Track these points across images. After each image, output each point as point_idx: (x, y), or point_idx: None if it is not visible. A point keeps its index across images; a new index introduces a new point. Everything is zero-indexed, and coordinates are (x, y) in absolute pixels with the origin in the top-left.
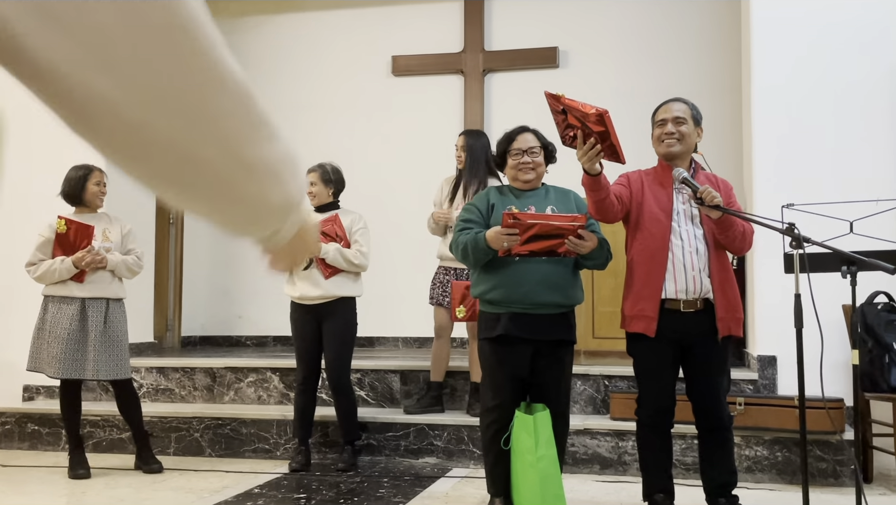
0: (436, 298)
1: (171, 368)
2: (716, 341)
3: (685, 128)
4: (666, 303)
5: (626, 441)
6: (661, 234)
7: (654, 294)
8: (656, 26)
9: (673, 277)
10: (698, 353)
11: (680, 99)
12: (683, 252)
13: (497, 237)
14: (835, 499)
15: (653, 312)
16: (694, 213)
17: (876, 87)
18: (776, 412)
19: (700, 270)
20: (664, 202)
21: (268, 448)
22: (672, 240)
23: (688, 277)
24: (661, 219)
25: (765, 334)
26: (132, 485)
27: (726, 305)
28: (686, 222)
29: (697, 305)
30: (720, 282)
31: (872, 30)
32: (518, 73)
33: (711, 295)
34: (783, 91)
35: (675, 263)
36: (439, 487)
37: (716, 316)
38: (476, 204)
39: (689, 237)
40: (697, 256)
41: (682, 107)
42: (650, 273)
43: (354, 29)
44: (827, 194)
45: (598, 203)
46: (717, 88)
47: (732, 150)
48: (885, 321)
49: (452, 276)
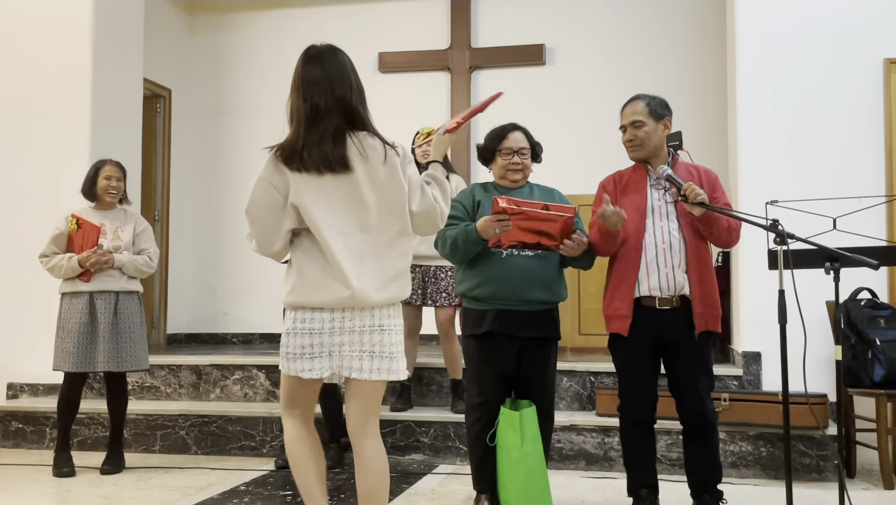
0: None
1: (157, 366)
2: (694, 338)
3: (643, 131)
4: (641, 301)
5: (611, 437)
6: (633, 233)
7: (627, 293)
8: (642, 23)
9: (647, 274)
10: (678, 350)
11: (638, 97)
12: (657, 249)
13: (488, 225)
14: (818, 494)
15: (627, 311)
16: (670, 210)
17: (861, 82)
18: (761, 408)
19: (674, 267)
20: (637, 201)
21: (254, 445)
22: (645, 238)
23: (661, 274)
24: (634, 218)
25: (749, 331)
26: (117, 483)
27: (703, 300)
28: (660, 219)
29: (674, 303)
30: (698, 276)
31: (858, 25)
32: (505, 69)
33: (688, 291)
34: (768, 87)
35: (649, 261)
36: (426, 484)
37: (693, 312)
38: (461, 200)
39: (662, 234)
40: (671, 252)
41: (639, 107)
42: (623, 272)
43: (341, 25)
44: (811, 191)
45: (612, 248)
46: (702, 85)
47: (717, 147)
48: (868, 317)
49: (419, 273)
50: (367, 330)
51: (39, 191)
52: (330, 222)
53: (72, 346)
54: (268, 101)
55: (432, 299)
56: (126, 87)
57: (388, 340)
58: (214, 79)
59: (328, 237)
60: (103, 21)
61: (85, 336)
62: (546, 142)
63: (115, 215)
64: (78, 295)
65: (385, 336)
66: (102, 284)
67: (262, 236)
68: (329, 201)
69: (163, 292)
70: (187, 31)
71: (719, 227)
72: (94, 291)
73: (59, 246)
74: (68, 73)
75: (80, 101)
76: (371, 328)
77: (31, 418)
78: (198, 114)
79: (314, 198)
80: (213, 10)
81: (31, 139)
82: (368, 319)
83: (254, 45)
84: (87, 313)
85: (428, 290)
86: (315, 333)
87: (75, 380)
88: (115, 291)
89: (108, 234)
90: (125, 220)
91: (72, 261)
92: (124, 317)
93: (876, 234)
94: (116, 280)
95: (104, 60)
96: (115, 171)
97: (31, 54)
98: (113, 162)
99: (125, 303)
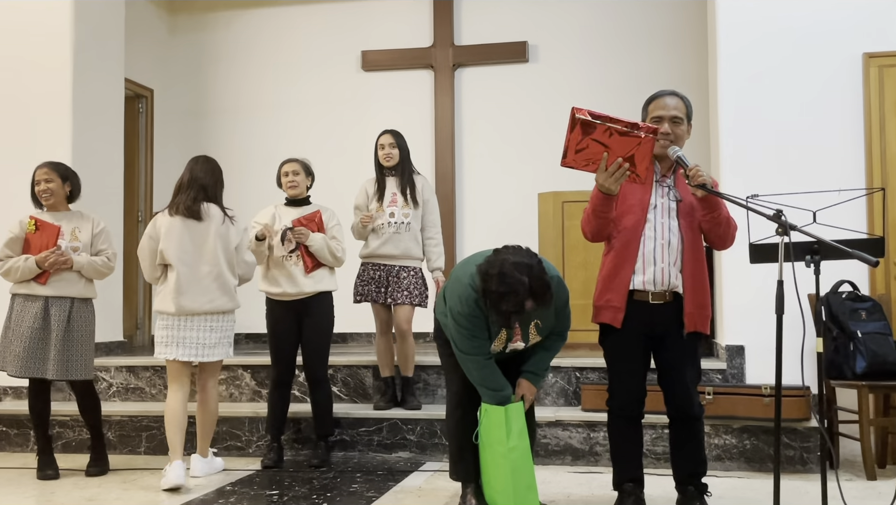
0: (369, 294)
1: (142, 367)
2: (683, 333)
3: (680, 129)
4: (634, 294)
5: (597, 432)
6: (633, 226)
7: (621, 285)
8: (624, 20)
9: (642, 268)
10: (668, 344)
11: (676, 94)
12: (655, 244)
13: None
14: (802, 485)
15: (620, 302)
16: (672, 207)
17: (842, 74)
18: (745, 401)
19: (670, 264)
20: (641, 195)
21: (240, 445)
22: (645, 232)
23: (656, 269)
24: (636, 211)
25: (732, 324)
26: (102, 485)
27: (695, 301)
28: (662, 216)
29: (666, 297)
30: (692, 277)
31: (837, 19)
32: (488, 67)
33: (681, 289)
34: (748, 82)
35: (646, 255)
36: (412, 481)
37: (683, 311)
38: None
39: (662, 230)
40: (669, 249)
41: (679, 104)
42: (619, 264)
43: (324, 24)
44: (792, 185)
45: (603, 224)
46: (683, 80)
47: (699, 142)
48: (850, 309)
49: (383, 271)
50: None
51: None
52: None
53: (21, 349)
54: (251, 100)
55: (392, 298)
56: (107, 86)
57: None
58: (196, 79)
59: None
60: (83, 20)
61: (36, 341)
62: (529, 138)
63: (70, 217)
64: (32, 298)
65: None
66: (59, 289)
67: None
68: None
69: (147, 294)
70: (168, 31)
71: (720, 215)
72: (50, 295)
73: (14, 249)
74: (48, 73)
75: (60, 101)
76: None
77: (15, 421)
78: (180, 114)
79: None
80: (194, 10)
81: (10, 139)
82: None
83: (236, 44)
84: (40, 318)
85: (389, 288)
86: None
87: (37, 384)
88: (71, 298)
89: (65, 235)
90: (81, 221)
91: (28, 262)
92: (77, 324)
93: (856, 227)
94: (73, 285)
95: (85, 60)
96: (43, 174)
97: (10, 53)
98: (43, 164)
99: (79, 310)
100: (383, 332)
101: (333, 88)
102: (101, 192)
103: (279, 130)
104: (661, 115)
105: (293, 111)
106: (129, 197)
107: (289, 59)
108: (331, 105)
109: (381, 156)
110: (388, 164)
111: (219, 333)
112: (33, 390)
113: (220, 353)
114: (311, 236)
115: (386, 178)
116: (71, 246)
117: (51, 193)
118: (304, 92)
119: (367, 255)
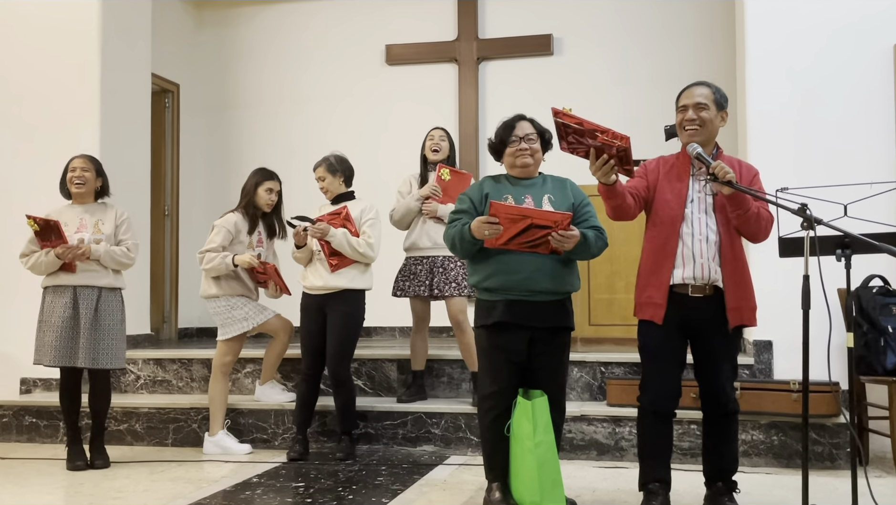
0: (410, 289)
1: (169, 360)
2: (725, 329)
3: (706, 114)
4: (674, 288)
5: (622, 427)
6: (671, 221)
7: (662, 282)
8: (650, 12)
9: (682, 264)
10: (707, 338)
11: (703, 82)
12: (693, 240)
13: (479, 227)
14: (830, 481)
15: (661, 299)
16: (708, 202)
17: (872, 67)
18: (773, 396)
19: (709, 259)
20: (679, 190)
21: (266, 438)
22: (683, 228)
23: (696, 264)
24: (673, 206)
25: (760, 319)
26: (130, 476)
27: (738, 295)
28: (699, 211)
29: (706, 291)
30: (732, 272)
31: (867, 9)
32: (512, 60)
33: (721, 283)
34: (777, 75)
35: (685, 250)
36: (437, 475)
37: (725, 306)
38: (469, 194)
39: (700, 225)
40: (707, 244)
41: (705, 91)
42: (659, 261)
43: (348, 18)
44: (821, 179)
45: (616, 209)
46: (709, 73)
47: (727, 135)
48: (881, 304)
49: (425, 265)
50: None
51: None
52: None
53: (54, 339)
54: (276, 94)
55: (440, 290)
56: (134, 82)
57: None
58: (222, 73)
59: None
60: (111, 16)
61: (67, 330)
62: (554, 133)
63: (94, 209)
64: (62, 290)
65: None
66: (87, 278)
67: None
68: None
69: (173, 287)
70: (195, 26)
71: (748, 212)
72: (77, 285)
73: (38, 245)
74: (76, 69)
75: (88, 97)
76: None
77: (45, 413)
78: (206, 109)
79: None
80: (220, 5)
81: (38, 133)
82: None
83: (261, 39)
84: (70, 308)
85: (435, 280)
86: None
87: (68, 374)
88: (99, 287)
89: (88, 228)
90: (104, 212)
91: (49, 255)
92: (105, 314)
93: (888, 221)
94: (101, 276)
95: (112, 55)
96: (80, 162)
97: (39, 49)
98: (82, 155)
99: (107, 300)
100: (418, 329)
101: (357, 83)
102: (129, 186)
103: (303, 124)
104: (686, 104)
105: (317, 105)
106: (155, 190)
107: (313, 54)
108: (354, 99)
109: (430, 146)
110: (435, 158)
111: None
112: (64, 381)
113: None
114: (331, 231)
115: (429, 173)
116: (94, 238)
117: (84, 181)
118: (329, 86)
119: (410, 246)
